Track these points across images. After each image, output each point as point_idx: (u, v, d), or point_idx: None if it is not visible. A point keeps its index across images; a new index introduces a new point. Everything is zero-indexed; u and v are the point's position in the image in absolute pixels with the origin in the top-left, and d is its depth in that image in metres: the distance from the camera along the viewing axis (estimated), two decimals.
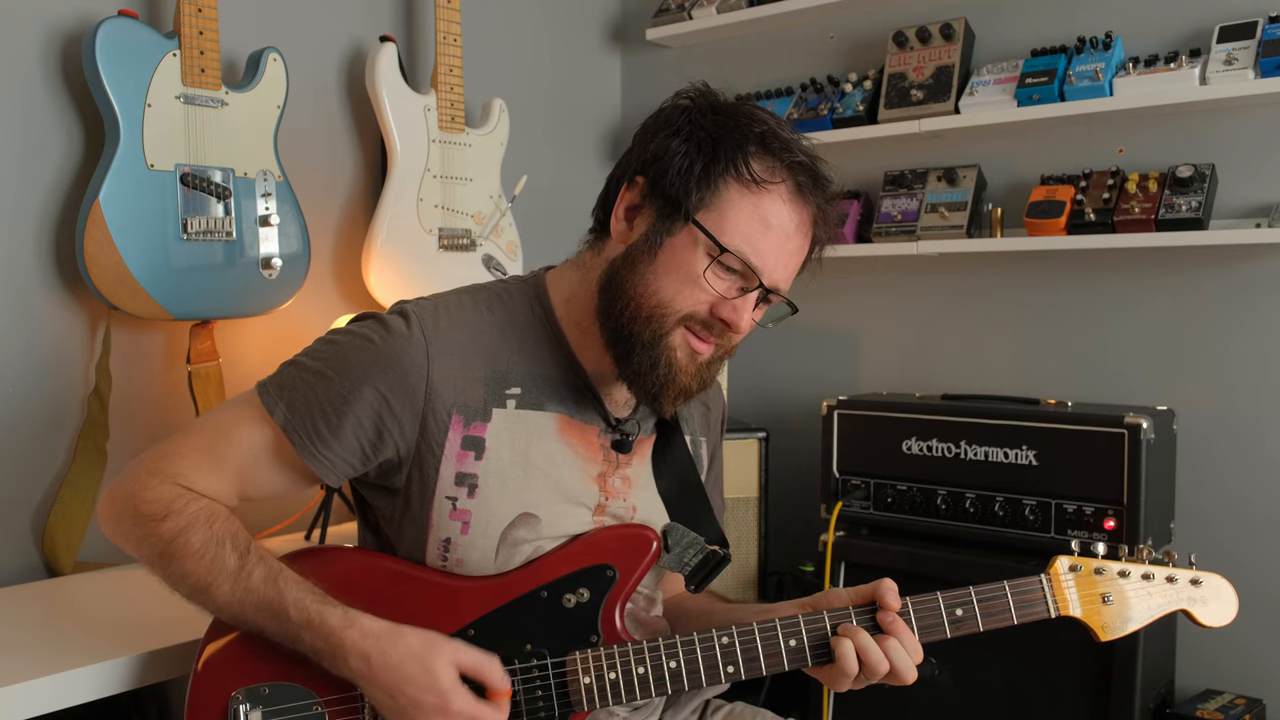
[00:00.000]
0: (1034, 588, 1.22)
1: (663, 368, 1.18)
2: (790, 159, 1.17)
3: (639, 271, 1.18)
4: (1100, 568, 1.21)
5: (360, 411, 1.17)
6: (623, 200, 1.21)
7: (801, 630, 1.19)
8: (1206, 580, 1.22)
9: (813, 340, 2.67)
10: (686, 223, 1.16)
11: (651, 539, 1.24)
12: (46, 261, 1.86)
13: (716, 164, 1.15)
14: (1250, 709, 2.00)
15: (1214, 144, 2.13)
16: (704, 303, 1.17)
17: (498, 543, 1.21)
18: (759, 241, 1.16)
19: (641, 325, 1.17)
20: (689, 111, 1.19)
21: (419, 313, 1.21)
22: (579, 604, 1.20)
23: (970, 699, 1.96)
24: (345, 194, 2.32)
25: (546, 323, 1.26)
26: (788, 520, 2.51)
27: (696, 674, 1.18)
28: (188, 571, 1.16)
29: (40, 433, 1.85)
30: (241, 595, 1.14)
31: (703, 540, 1.29)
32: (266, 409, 1.19)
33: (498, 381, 1.22)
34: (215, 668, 1.18)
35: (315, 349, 1.23)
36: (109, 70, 1.78)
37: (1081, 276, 2.30)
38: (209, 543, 1.15)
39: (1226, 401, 2.14)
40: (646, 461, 1.33)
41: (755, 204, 1.16)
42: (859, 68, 2.55)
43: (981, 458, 2.02)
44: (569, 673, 1.18)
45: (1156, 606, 1.21)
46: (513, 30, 2.67)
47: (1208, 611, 1.21)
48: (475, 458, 1.20)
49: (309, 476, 1.21)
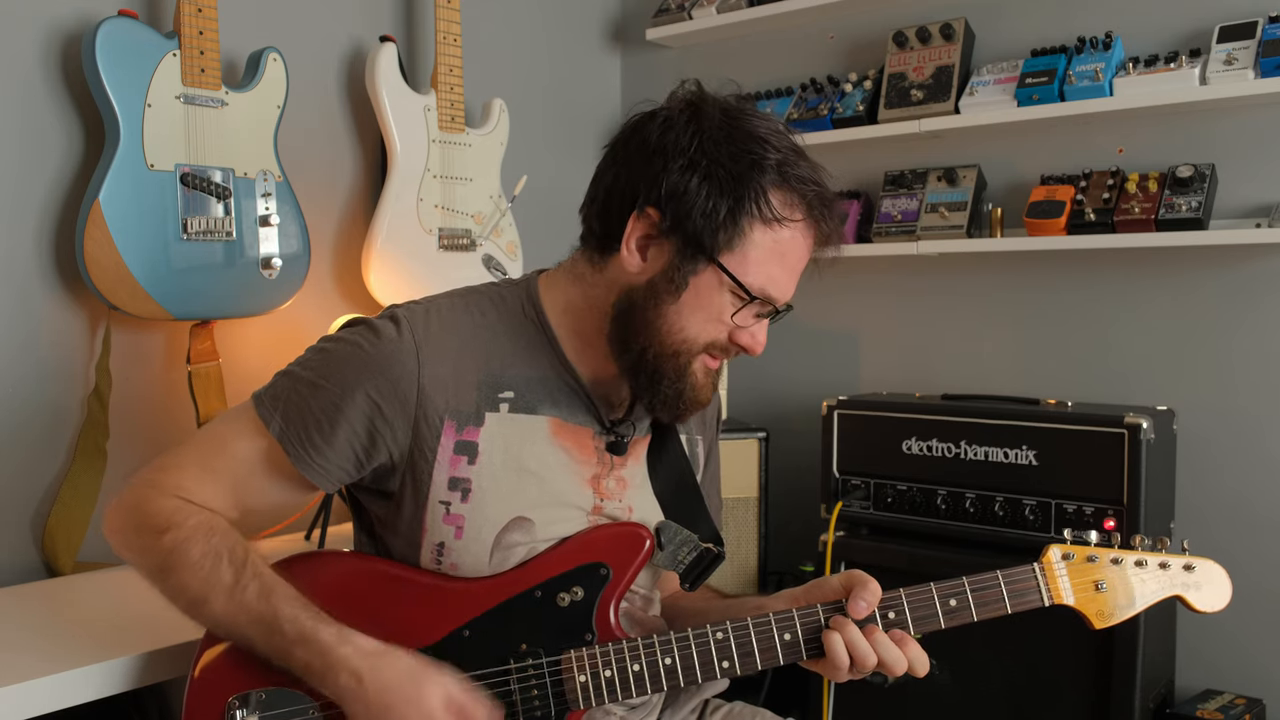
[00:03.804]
0: (1027, 577, 1.21)
1: (688, 393, 1.22)
2: (805, 190, 1.18)
3: (662, 310, 1.19)
4: (1093, 555, 1.21)
5: (353, 418, 1.17)
6: (635, 229, 1.20)
7: (796, 624, 1.19)
8: (1200, 565, 1.21)
9: (813, 340, 2.67)
10: (710, 263, 1.17)
11: (645, 537, 1.24)
12: (46, 261, 1.86)
13: (740, 206, 1.16)
14: (1250, 709, 2.00)
15: (1214, 144, 2.13)
16: (724, 333, 1.21)
17: (491, 547, 1.21)
18: (778, 275, 1.20)
19: (667, 360, 1.20)
20: (699, 137, 1.17)
21: (410, 317, 1.21)
22: (573, 603, 1.20)
23: (970, 699, 1.96)
24: (345, 194, 2.32)
25: (539, 327, 1.26)
26: (788, 520, 2.51)
27: (692, 670, 1.18)
28: (185, 584, 1.16)
29: (40, 433, 1.85)
30: (235, 611, 1.14)
31: (696, 538, 1.29)
32: (262, 421, 1.19)
33: (490, 385, 1.22)
34: (211, 673, 1.18)
35: (307, 358, 1.23)
36: (109, 70, 1.78)
37: (1081, 276, 2.30)
38: (206, 556, 1.15)
39: (1226, 401, 2.14)
40: (641, 462, 1.33)
41: (775, 240, 1.18)
42: (859, 68, 2.55)
43: (981, 458, 2.02)
44: (564, 671, 1.18)
45: (1150, 593, 1.21)
46: (513, 30, 2.67)
47: (1201, 596, 1.21)
48: (468, 462, 1.20)
49: (306, 486, 1.21)
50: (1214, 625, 2.14)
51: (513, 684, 1.18)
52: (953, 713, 1.98)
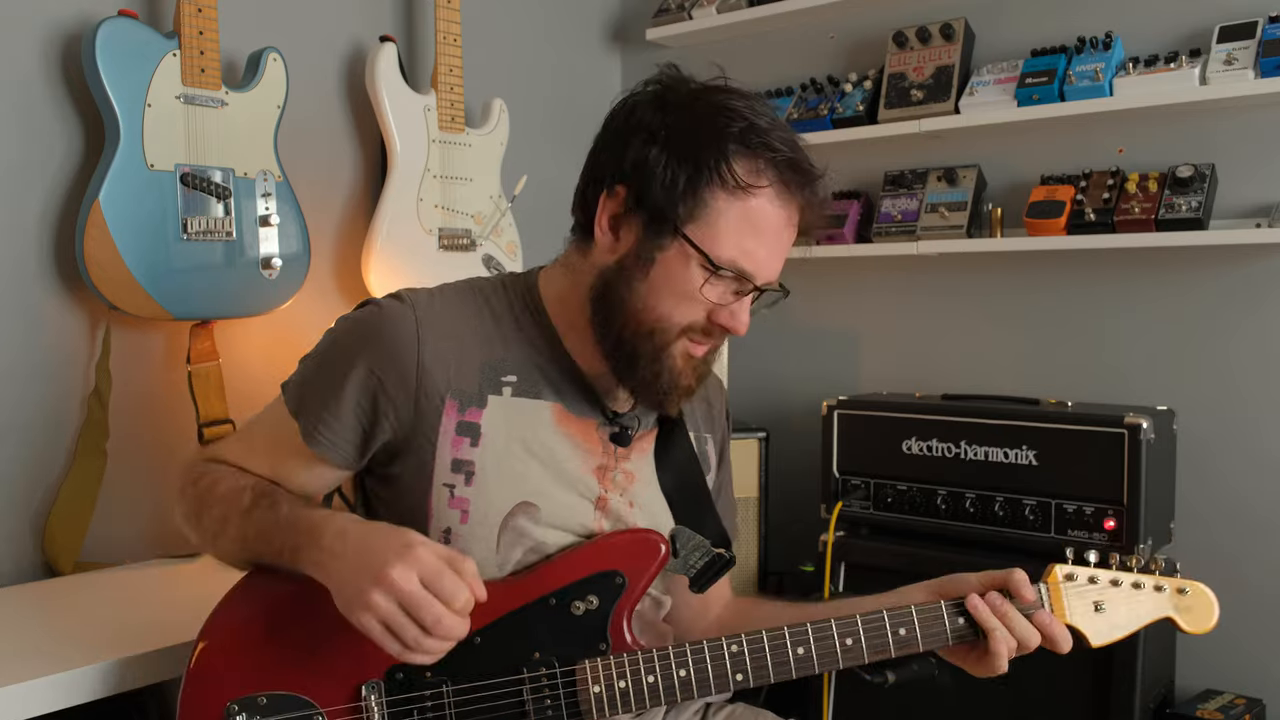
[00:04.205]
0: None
1: (666, 376, 1.19)
2: (772, 156, 1.15)
3: (633, 288, 1.17)
4: (1094, 576, 1.24)
5: (356, 389, 1.19)
6: (604, 209, 1.19)
7: (809, 638, 1.19)
8: (1192, 589, 1.25)
9: (813, 340, 2.67)
10: (676, 237, 1.15)
11: (660, 544, 1.22)
12: (46, 261, 1.86)
13: (700, 174, 1.13)
14: (1250, 709, 2.00)
15: (1214, 144, 2.13)
16: (702, 313, 1.18)
17: (498, 533, 1.20)
18: (751, 247, 1.16)
19: (643, 340, 1.18)
20: (662, 111, 1.17)
21: (413, 296, 1.23)
22: (588, 611, 1.18)
23: (970, 699, 1.96)
24: (345, 194, 2.32)
25: (541, 320, 1.27)
26: (788, 520, 2.51)
27: (706, 682, 1.17)
28: (213, 516, 1.19)
29: (40, 433, 1.85)
30: (246, 528, 1.17)
31: (709, 544, 1.28)
32: (286, 404, 1.23)
33: (493, 368, 1.22)
34: (208, 675, 1.16)
35: (320, 341, 1.27)
36: (109, 70, 1.78)
37: (1081, 276, 2.30)
38: (231, 490, 1.20)
39: (1226, 401, 2.14)
40: (648, 457, 1.32)
41: (743, 210, 1.15)
42: (859, 68, 2.55)
43: (981, 458, 2.02)
44: (579, 682, 1.17)
45: (1144, 614, 1.24)
46: (513, 30, 2.67)
47: (1190, 619, 1.25)
48: (471, 444, 1.20)
49: (325, 465, 1.22)
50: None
51: (525, 693, 1.16)
52: (953, 713, 1.98)
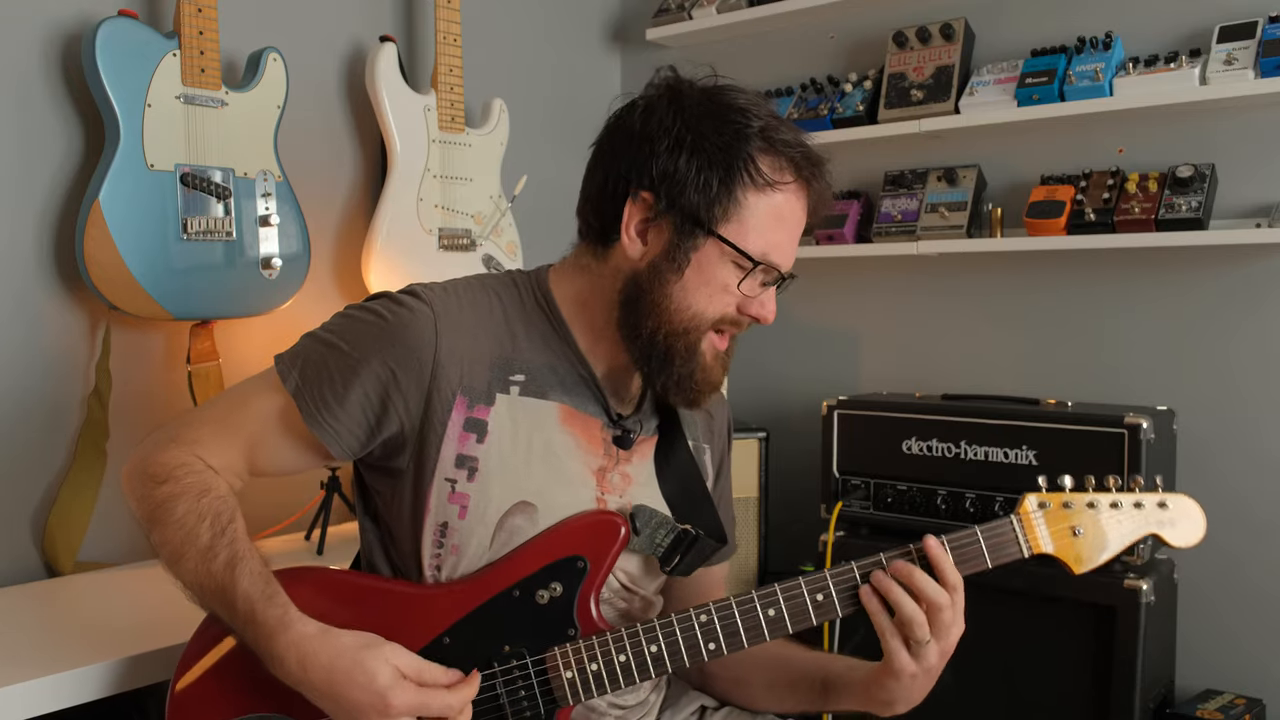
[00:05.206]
0: (1005, 529, 1.21)
1: (698, 373, 1.22)
2: (791, 152, 1.20)
3: (668, 289, 1.20)
4: (1068, 501, 1.21)
5: (367, 383, 1.18)
6: (632, 216, 1.21)
7: (780, 600, 1.18)
8: (1174, 502, 1.22)
9: (813, 340, 2.67)
10: (709, 236, 1.19)
11: (619, 524, 1.22)
12: (46, 261, 1.86)
13: (731, 175, 1.18)
14: (1250, 709, 2.00)
15: (1214, 144, 2.13)
16: (733, 305, 1.22)
17: (494, 530, 1.20)
18: (778, 240, 1.21)
19: (677, 338, 1.20)
20: (680, 114, 1.20)
21: (429, 293, 1.23)
22: (553, 599, 1.19)
23: (970, 699, 1.96)
24: (345, 194, 2.32)
25: (552, 317, 1.27)
26: (788, 520, 2.51)
27: (679, 654, 1.17)
28: (167, 539, 1.15)
29: (40, 433, 1.85)
30: (203, 577, 1.13)
31: (672, 519, 1.27)
32: (280, 378, 1.21)
33: (503, 366, 1.23)
34: (191, 701, 1.16)
35: (331, 322, 1.25)
36: (109, 70, 1.78)
37: (1081, 276, 2.30)
38: (190, 514, 1.15)
39: (1226, 401, 2.14)
40: (648, 461, 1.32)
41: (770, 204, 1.20)
42: (859, 68, 2.55)
43: (981, 458, 2.02)
44: (550, 669, 1.17)
45: (1127, 533, 1.21)
46: (513, 30, 2.67)
47: (1176, 533, 1.21)
48: (477, 440, 1.20)
49: (317, 450, 1.21)
50: (1214, 625, 2.14)
51: (499, 686, 1.17)
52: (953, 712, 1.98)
